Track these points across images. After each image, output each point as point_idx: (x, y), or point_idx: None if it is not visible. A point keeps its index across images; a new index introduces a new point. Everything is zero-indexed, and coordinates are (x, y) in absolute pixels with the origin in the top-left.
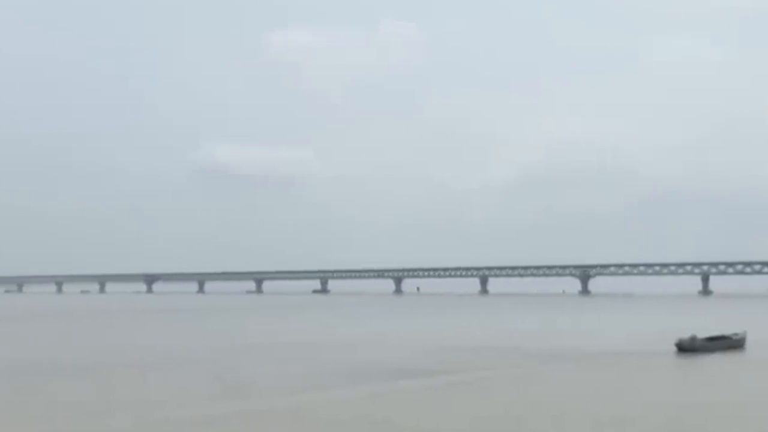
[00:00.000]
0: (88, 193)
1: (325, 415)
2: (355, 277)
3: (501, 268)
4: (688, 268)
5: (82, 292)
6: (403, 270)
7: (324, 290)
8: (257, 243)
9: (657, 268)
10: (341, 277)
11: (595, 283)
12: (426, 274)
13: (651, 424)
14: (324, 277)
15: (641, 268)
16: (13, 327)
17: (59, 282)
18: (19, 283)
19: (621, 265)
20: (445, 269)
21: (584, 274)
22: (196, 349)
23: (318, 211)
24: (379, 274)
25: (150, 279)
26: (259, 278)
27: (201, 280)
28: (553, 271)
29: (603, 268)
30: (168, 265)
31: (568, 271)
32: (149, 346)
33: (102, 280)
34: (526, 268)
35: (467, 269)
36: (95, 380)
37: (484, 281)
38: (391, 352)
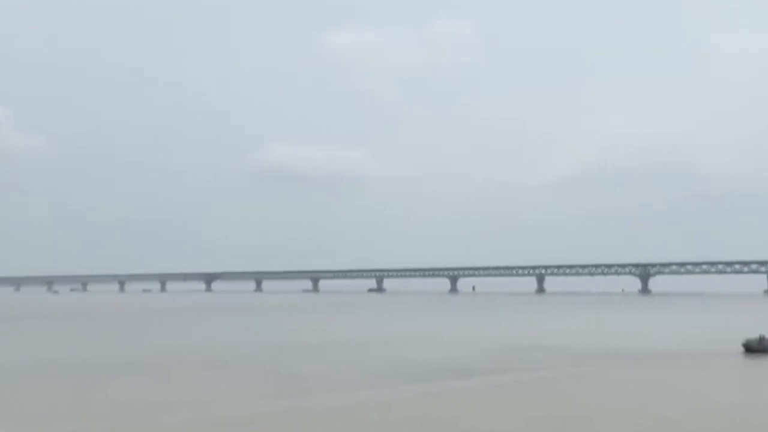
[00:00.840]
0: (150, 194)
1: (377, 414)
2: (410, 276)
3: (558, 267)
4: (754, 266)
5: (144, 290)
6: (459, 269)
7: (379, 289)
8: (314, 242)
9: (720, 266)
10: (396, 276)
11: (656, 282)
12: (481, 273)
13: (713, 425)
14: (379, 276)
15: (704, 266)
16: (78, 325)
17: (122, 281)
18: (83, 282)
19: (683, 264)
20: (501, 268)
21: (644, 272)
22: (252, 348)
23: (373, 211)
24: (435, 273)
25: (209, 278)
26: (315, 277)
27: (259, 278)
28: (612, 270)
29: (663, 267)
30: (227, 264)
31: (627, 270)
32: (207, 345)
33: (163, 279)
34: (583, 266)
35: (523, 268)
36: (156, 378)
37: (540, 280)
38: (446, 351)
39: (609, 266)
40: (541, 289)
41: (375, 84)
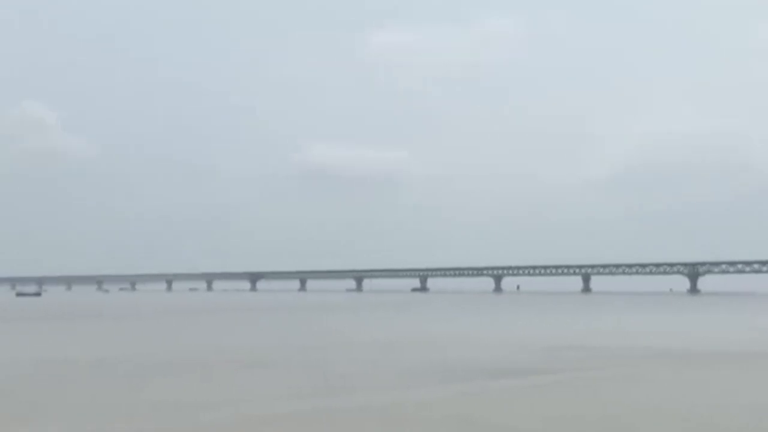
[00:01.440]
0: (196, 195)
1: (417, 414)
2: (453, 275)
3: (604, 266)
4: None
5: (191, 289)
6: (503, 268)
7: (423, 288)
8: (357, 242)
9: None
10: (440, 275)
11: (705, 282)
12: (526, 272)
13: (759, 429)
14: (423, 275)
15: (755, 265)
16: (126, 324)
17: (169, 280)
18: (132, 281)
19: (733, 263)
20: (546, 267)
21: (693, 271)
22: (294, 347)
23: (416, 210)
24: (478, 272)
25: (254, 277)
26: (358, 276)
27: (303, 278)
28: (660, 269)
29: (713, 266)
30: (271, 264)
31: (675, 269)
32: (250, 344)
33: (209, 278)
34: (630, 265)
35: (569, 267)
36: (197, 377)
37: (586, 279)
38: (488, 350)
39: (657, 265)
40: (586, 289)
41: (417, 84)
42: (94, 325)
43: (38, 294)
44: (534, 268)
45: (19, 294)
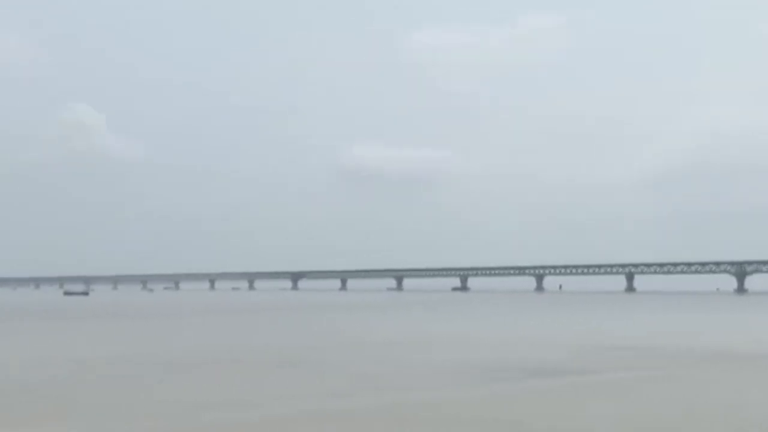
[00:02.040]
0: (237, 195)
1: (451, 414)
2: (495, 275)
3: (648, 265)
4: None
5: (233, 288)
6: (544, 267)
7: (464, 288)
8: (398, 241)
9: None
10: (481, 275)
11: (753, 281)
12: (568, 271)
13: None
14: (464, 274)
15: None
16: (169, 323)
17: (212, 279)
18: (176, 280)
19: None
20: (589, 266)
21: (740, 270)
22: (328, 346)
23: (458, 209)
24: (520, 271)
25: (295, 276)
26: (399, 276)
27: (343, 277)
28: (707, 268)
29: (761, 265)
30: (312, 263)
31: (722, 268)
32: (282, 343)
33: (251, 278)
34: (675, 264)
35: (612, 266)
36: (228, 376)
37: (630, 278)
38: (529, 350)
39: (703, 264)
40: (630, 288)
41: (458, 83)
42: (136, 323)
43: (86, 293)
44: (577, 267)
45: (67, 293)
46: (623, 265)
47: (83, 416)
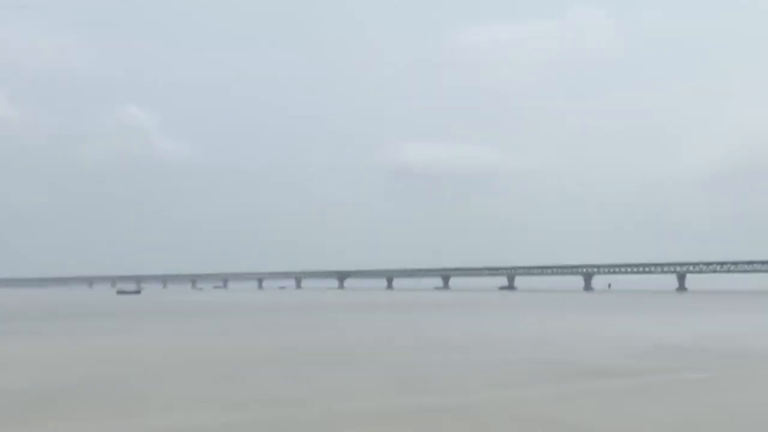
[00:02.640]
0: (284, 194)
1: (504, 414)
2: (542, 274)
3: (701, 264)
4: None
5: (280, 288)
6: (593, 266)
7: (511, 287)
8: (444, 240)
9: None
10: (528, 274)
11: None
12: (618, 270)
13: None
14: (511, 273)
15: None
16: (220, 321)
17: (260, 278)
18: (225, 279)
19: None
20: (639, 265)
21: None
22: (380, 345)
23: (505, 208)
24: (568, 270)
25: (342, 275)
26: (445, 275)
27: (390, 276)
28: (764, 267)
29: None
30: (358, 262)
31: None
32: (334, 341)
33: (298, 277)
34: (729, 263)
35: (662, 265)
36: (282, 373)
37: (681, 278)
38: (579, 350)
39: (763, 263)
40: (682, 287)
41: (507, 79)
42: (189, 321)
43: (138, 292)
44: (627, 266)
45: (119, 292)
46: (675, 264)
47: (147, 410)
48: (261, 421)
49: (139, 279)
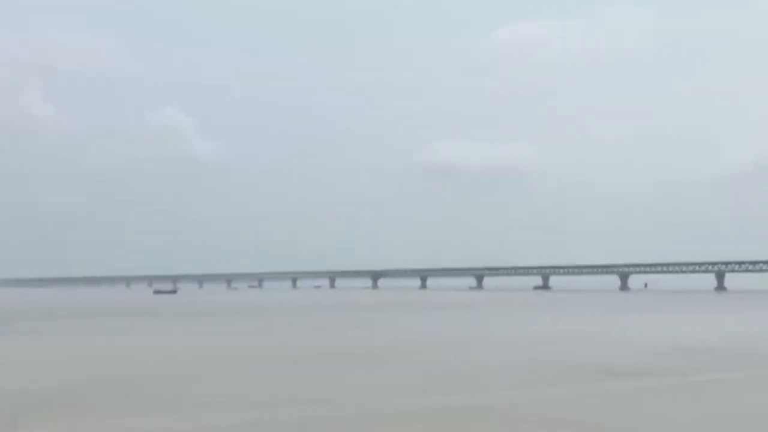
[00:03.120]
0: (317, 196)
1: (530, 415)
2: (577, 273)
3: (740, 263)
4: None
5: (314, 287)
6: (630, 265)
7: (545, 286)
8: (478, 239)
9: None
10: (563, 273)
11: None
12: (655, 269)
13: None
14: (545, 273)
15: None
16: (253, 320)
17: (294, 278)
18: (259, 279)
19: None
20: (676, 264)
21: None
22: (412, 344)
23: (540, 207)
24: (604, 269)
25: (375, 275)
26: (479, 274)
27: (423, 276)
28: None
29: None
30: (392, 262)
31: None
32: (366, 340)
33: (332, 276)
34: (761, 262)
35: (701, 264)
36: (315, 372)
37: (720, 277)
38: (614, 350)
39: None
40: (720, 287)
41: (544, 78)
42: (223, 321)
43: (174, 292)
44: (663, 265)
45: (156, 292)
46: (713, 263)
47: (173, 409)
48: (289, 421)
49: (175, 279)
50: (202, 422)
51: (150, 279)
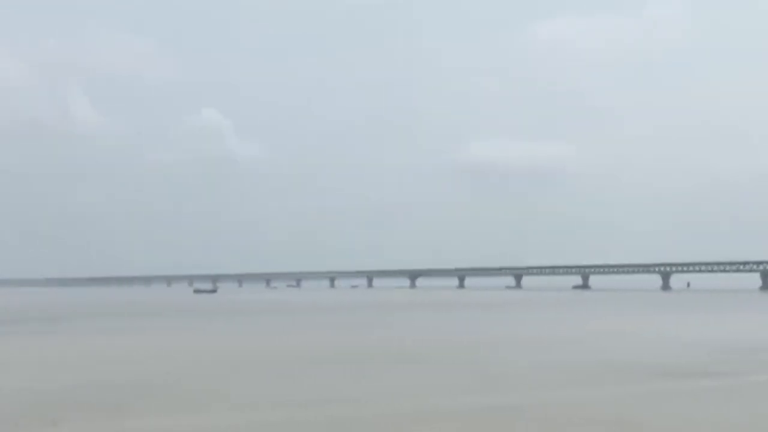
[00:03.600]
0: (356, 195)
1: (575, 415)
2: (618, 272)
3: None
4: None
5: (352, 286)
6: (671, 264)
7: (585, 286)
8: (516, 238)
9: None
10: (603, 272)
11: None
12: (697, 268)
13: None
14: (585, 272)
15: None
16: (288, 319)
17: (332, 277)
18: (298, 278)
19: None
20: (720, 263)
21: None
22: (447, 344)
23: (578, 205)
24: (645, 268)
25: (413, 274)
26: (518, 274)
27: (461, 275)
28: None
29: None
30: (430, 261)
31: None
32: (400, 339)
33: (370, 276)
34: None
35: (745, 263)
36: (347, 371)
37: (765, 276)
38: (653, 349)
39: None
40: (765, 286)
41: (583, 75)
42: (265, 319)
43: (214, 291)
44: (706, 264)
45: (196, 291)
46: (759, 262)
47: (205, 407)
48: (321, 420)
49: (215, 278)
50: (233, 422)
51: (190, 278)
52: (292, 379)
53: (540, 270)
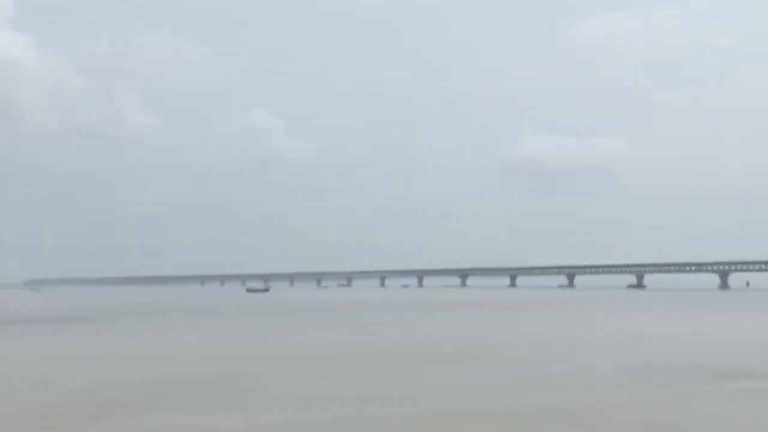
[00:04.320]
0: (405, 195)
1: (622, 417)
2: (673, 271)
3: None
4: None
5: (403, 285)
6: (729, 263)
7: (639, 285)
8: (569, 236)
9: None
10: (658, 271)
11: None
12: (756, 267)
13: None
14: (639, 271)
15: None
16: (335, 318)
17: (382, 276)
18: (348, 277)
19: None
20: None
21: None
22: (493, 343)
23: (630, 203)
24: (701, 267)
25: (464, 273)
26: (570, 273)
27: (513, 274)
28: None
29: None
30: (481, 260)
31: None
32: (446, 338)
33: (420, 275)
34: None
35: None
36: (389, 368)
37: None
38: (708, 349)
39: None
40: None
41: (632, 71)
42: (317, 318)
43: (266, 290)
44: (766, 263)
45: (249, 290)
46: None
47: (244, 406)
48: (366, 419)
49: (267, 277)
50: (277, 420)
51: (243, 278)
52: (340, 378)
53: (594, 269)
